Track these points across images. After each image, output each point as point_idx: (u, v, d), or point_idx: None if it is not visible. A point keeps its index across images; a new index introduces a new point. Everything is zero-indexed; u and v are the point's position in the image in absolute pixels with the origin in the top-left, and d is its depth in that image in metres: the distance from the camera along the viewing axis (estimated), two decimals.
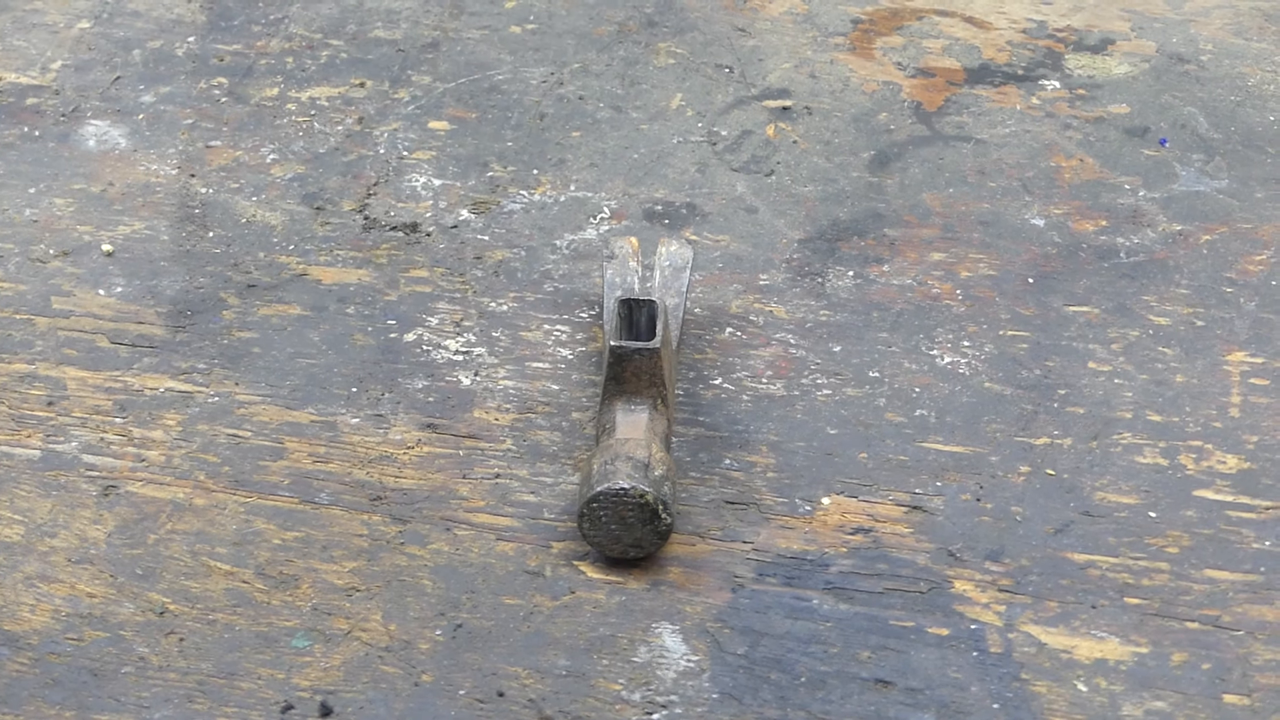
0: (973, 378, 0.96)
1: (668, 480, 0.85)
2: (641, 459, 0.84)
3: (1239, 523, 0.89)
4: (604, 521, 0.85)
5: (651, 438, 0.86)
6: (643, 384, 0.88)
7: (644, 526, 0.85)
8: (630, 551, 0.86)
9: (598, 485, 0.84)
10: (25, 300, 1.02)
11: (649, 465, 0.84)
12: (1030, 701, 0.81)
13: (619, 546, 0.86)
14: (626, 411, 0.87)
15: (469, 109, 1.14)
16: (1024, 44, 1.19)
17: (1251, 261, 1.03)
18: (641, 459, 0.84)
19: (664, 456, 0.86)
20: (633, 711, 0.81)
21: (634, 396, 0.88)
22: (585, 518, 0.85)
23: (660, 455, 0.86)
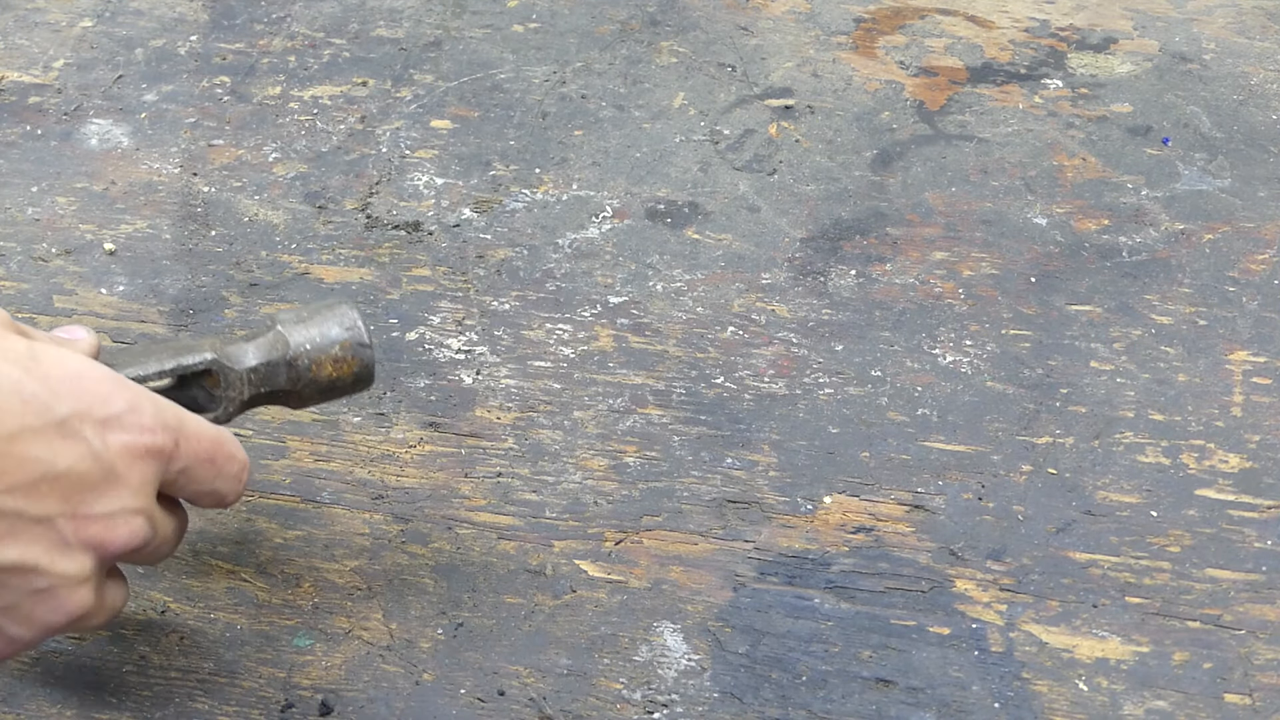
0: (975, 377, 0.96)
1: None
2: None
3: (1241, 522, 0.89)
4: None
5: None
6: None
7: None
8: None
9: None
10: (27, 299, 1.02)
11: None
12: (1031, 701, 0.81)
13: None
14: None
15: (471, 108, 1.14)
16: (1026, 43, 1.19)
17: (1254, 261, 1.03)
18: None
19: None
20: (634, 710, 0.81)
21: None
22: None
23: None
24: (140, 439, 0.70)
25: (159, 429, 0.71)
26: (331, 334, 0.80)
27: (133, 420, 0.70)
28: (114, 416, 0.69)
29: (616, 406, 0.95)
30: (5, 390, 0.67)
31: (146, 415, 0.71)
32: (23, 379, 0.67)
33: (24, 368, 0.68)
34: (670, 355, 0.98)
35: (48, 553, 0.68)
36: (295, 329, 0.80)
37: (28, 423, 0.67)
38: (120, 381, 0.71)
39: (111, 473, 0.69)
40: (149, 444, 0.70)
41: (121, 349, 0.78)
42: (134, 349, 0.79)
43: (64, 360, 0.69)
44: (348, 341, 0.80)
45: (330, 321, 0.81)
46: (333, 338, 0.80)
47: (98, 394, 0.69)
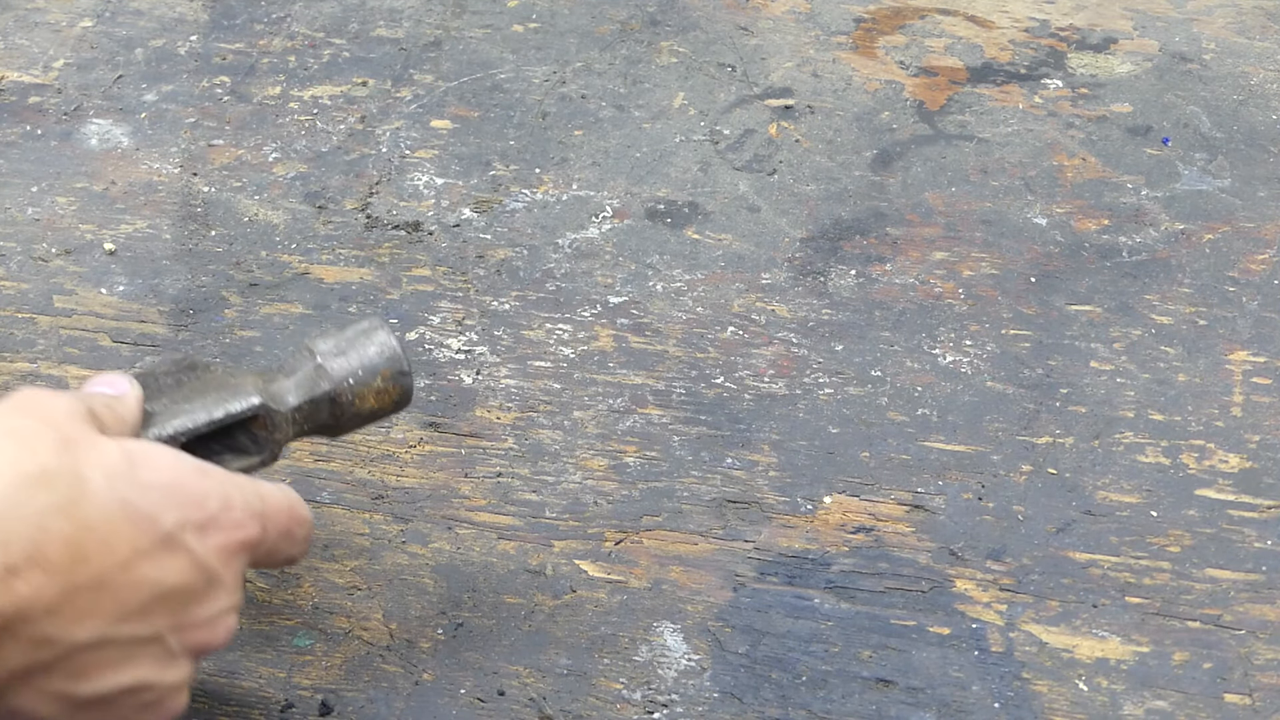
0: (975, 377, 0.96)
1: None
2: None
3: (1241, 522, 0.89)
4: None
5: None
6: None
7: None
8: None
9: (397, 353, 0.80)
10: (27, 299, 1.02)
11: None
12: (1031, 701, 0.81)
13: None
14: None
15: (471, 108, 1.14)
16: (1026, 43, 1.19)
17: (1254, 260, 1.03)
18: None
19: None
20: (634, 710, 0.81)
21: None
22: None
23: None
24: (235, 536, 0.69)
25: (249, 520, 0.69)
26: (373, 364, 0.79)
27: (227, 518, 0.68)
28: (211, 518, 0.68)
29: (616, 406, 0.95)
30: (114, 514, 0.64)
31: (238, 509, 0.69)
32: (128, 496, 0.65)
33: (127, 480, 0.65)
34: (670, 355, 0.98)
35: (157, 669, 0.67)
36: (335, 361, 0.78)
37: (139, 545, 0.65)
38: (207, 473, 0.69)
39: (213, 577, 0.68)
40: (243, 539, 0.69)
41: (160, 387, 0.75)
42: (173, 388, 0.76)
43: (158, 463, 0.67)
44: (389, 371, 0.79)
45: (369, 350, 0.79)
46: (374, 368, 0.79)
47: (194, 497, 0.67)
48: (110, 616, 0.65)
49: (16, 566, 0.61)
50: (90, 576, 0.63)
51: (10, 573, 0.61)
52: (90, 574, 0.63)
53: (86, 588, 0.63)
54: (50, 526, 0.62)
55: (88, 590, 0.63)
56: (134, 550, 0.65)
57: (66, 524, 0.63)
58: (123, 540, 0.64)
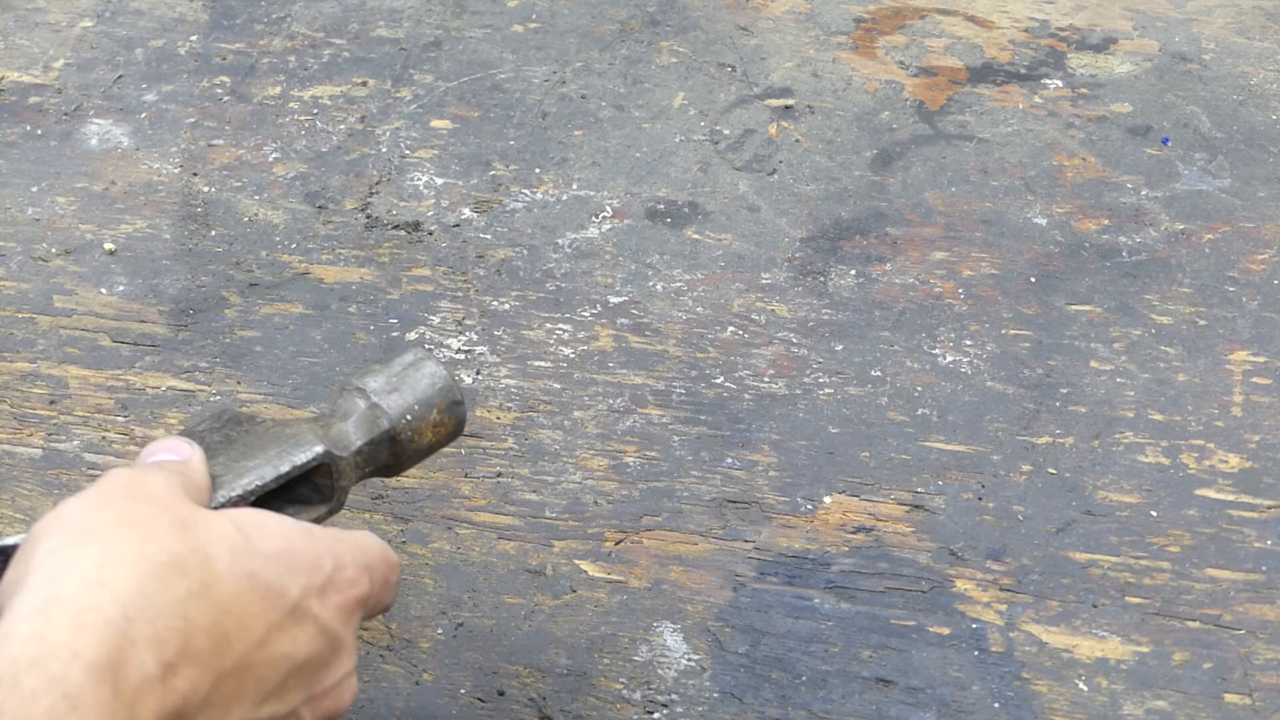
0: (975, 377, 0.96)
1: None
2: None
3: (1241, 522, 0.89)
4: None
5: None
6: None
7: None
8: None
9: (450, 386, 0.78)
10: (27, 299, 1.02)
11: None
12: (1031, 700, 0.81)
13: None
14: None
15: (471, 108, 1.14)
16: (1026, 43, 1.19)
17: (1254, 260, 1.03)
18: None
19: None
20: (634, 710, 0.81)
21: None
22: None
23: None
24: (351, 594, 0.67)
25: (360, 575, 0.68)
26: (427, 397, 0.77)
27: (342, 577, 0.67)
28: (328, 580, 0.66)
29: (616, 406, 0.95)
30: (245, 592, 0.62)
31: (349, 566, 0.67)
32: (254, 570, 0.63)
33: (248, 554, 0.63)
34: (670, 355, 0.98)
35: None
36: (390, 399, 0.76)
37: (271, 620, 0.63)
38: (313, 534, 0.67)
39: (337, 640, 0.66)
40: (358, 596, 0.67)
41: (210, 445, 0.73)
42: (224, 445, 0.73)
43: (268, 531, 0.65)
44: (443, 402, 0.77)
45: (421, 384, 0.77)
46: (429, 401, 0.77)
47: (309, 561, 0.66)
48: (254, 699, 0.63)
49: (174, 664, 0.59)
50: (234, 661, 0.62)
51: (169, 671, 0.59)
52: (234, 658, 0.61)
53: (231, 673, 0.61)
54: (193, 616, 0.60)
55: (232, 676, 0.62)
56: (268, 626, 0.63)
57: (207, 610, 0.61)
58: (257, 618, 0.63)
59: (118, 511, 0.62)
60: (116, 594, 0.59)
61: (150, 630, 0.59)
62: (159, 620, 0.59)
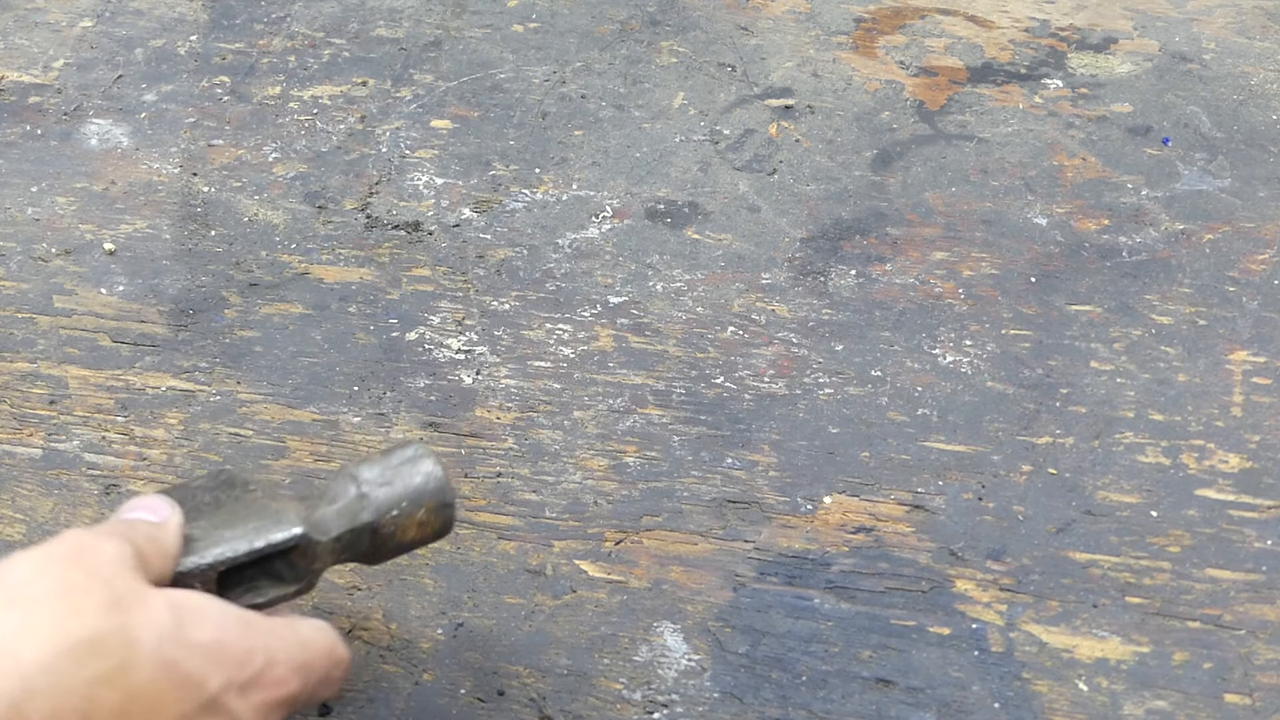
0: (975, 377, 0.96)
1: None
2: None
3: (1241, 522, 0.89)
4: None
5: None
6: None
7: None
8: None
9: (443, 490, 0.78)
10: (27, 299, 1.02)
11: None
12: (1031, 701, 0.81)
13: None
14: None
15: (471, 108, 1.14)
16: (1027, 43, 1.19)
17: (1254, 260, 1.03)
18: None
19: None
20: (634, 711, 0.81)
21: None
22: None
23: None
24: (276, 694, 0.67)
25: (291, 676, 0.68)
26: (418, 495, 0.76)
27: (271, 676, 0.67)
28: (255, 677, 0.66)
29: (616, 406, 0.95)
30: (161, 680, 0.62)
31: (281, 665, 0.67)
32: (176, 659, 0.63)
33: (174, 641, 0.63)
34: (670, 355, 0.98)
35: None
36: (380, 490, 0.76)
37: (183, 710, 0.63)
38: (251, 628, 0.67)
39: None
40: (284, 696, 0.68)
41: (198, 505, 0.74)
42: (211, 508, 0.74)
43: (205, 619, 0.65)
44: (433, 503, 0.77)
45: (414, 479, 0.76)
46: (419, 499, 0.76)
47: (239, 656, 0.66)
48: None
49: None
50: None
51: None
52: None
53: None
54: (99, 697, 0.60)
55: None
56: (178, 716, 0.63)
57: (115, 694, 0.61)
58: (168, 706, 0.63)
59: (55, 579, 0.63)
60: (20, 665, 0.59)
61: (47, 706, 0.59)
62: (60, 698, 0.59)
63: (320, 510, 0.75)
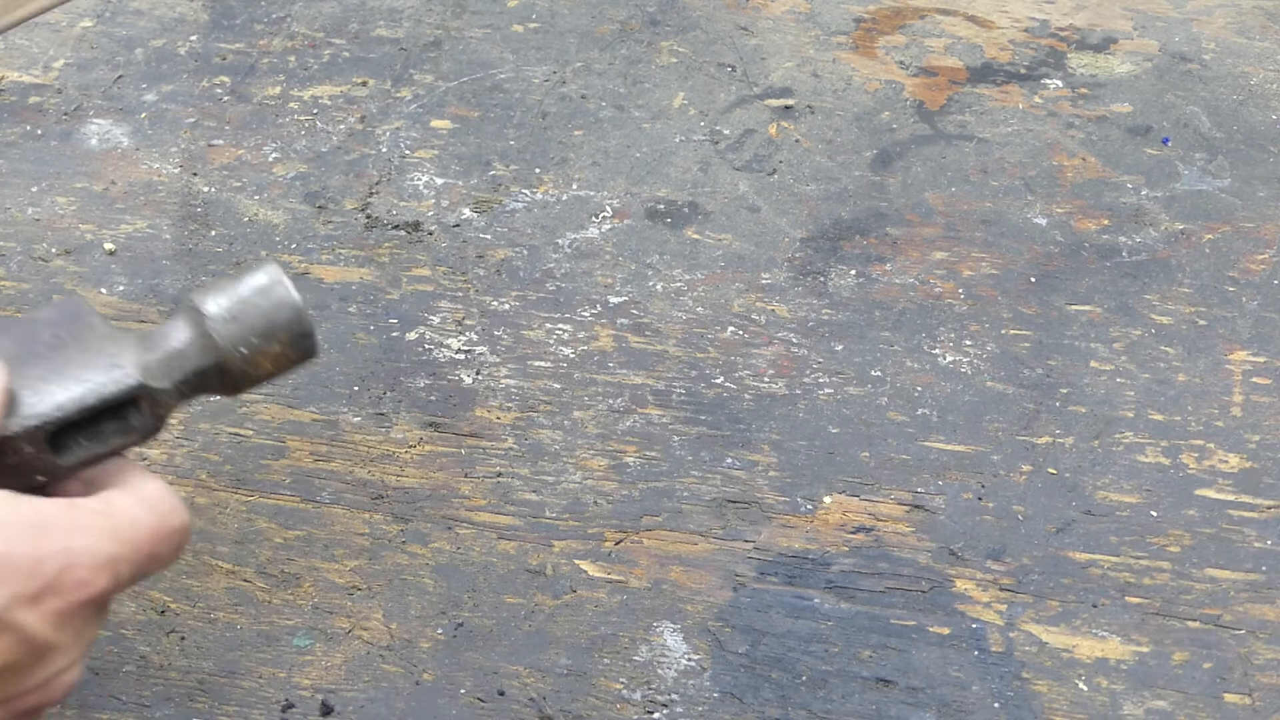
0: (975, 377, 0.96)
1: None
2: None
3: (1240, 522, 0.89)
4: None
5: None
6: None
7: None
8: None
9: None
10: (28, 299, 1.02)
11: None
12: (1031, 700, 0.81)
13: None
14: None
15: (471, 108, 1.14)
16: (1026, 43, 1.19)
17: (1254, 260, 1.03)
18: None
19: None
20: (634, 710, 0.81)
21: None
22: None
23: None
24: (76, 596, 0.61)
25: (95, 574, 0.61)
26: (269, 328, 0.68)
27: (68, 579, 0.60)
28: (46, 585, 0.60)
29: (616, 406, 0.95)
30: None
31: (82, 565, 0.61)
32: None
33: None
34: (670, 355, 0.98)
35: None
36: (227, 327, 0.68)
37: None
38: (44, 530, 0.60)
39: (46, 647, 0.61)
40: (86, 597, 0.61)
41: (36, 345, 0.67)
42: (49, 351, 0.67)
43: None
44: (287, 335, 0.69)
45: (265, 309, 0.68)
46: (271, 332, 0.69)
47: (25, 566, 0.59)
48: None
49: None
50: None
51: None
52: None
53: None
54: None
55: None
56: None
57: None
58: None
59: None
60: None
61: None
62: None
63: (161, 352, 0.68)
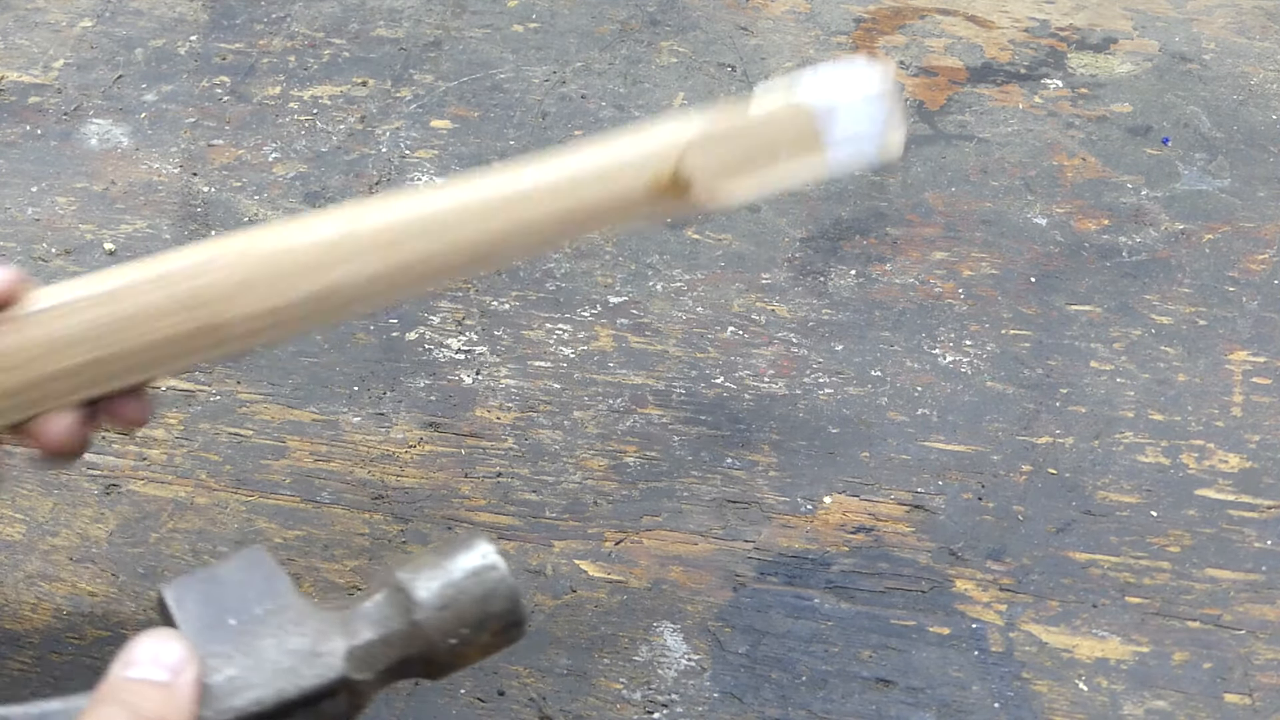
0: (975, 377, 0.96)
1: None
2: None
3: (1241, 522, 0.89)
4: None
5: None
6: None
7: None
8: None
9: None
10: None
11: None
12: (1031, 700, 0.81)
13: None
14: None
15: (471, 108, 1.14)
16: (1026, 43, 1.19)
17: (1254, 260, 1.03)
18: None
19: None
20: (634, 710, 0.81)
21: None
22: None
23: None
24: None
25: None
26: (482, 619, 0.64)
27: None
28: None
29: (616, 406, 0.95)
30: None
31: None
32: None
33: None
34: (670, 355, 0.98)
35: None
36: (437, 615, 0.64)
37: None
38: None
39: None
40: None
41: (215, 622, 0.62)
42: (243, 629, 0.63)
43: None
44: (499, 626, 0.65)
45: (480, 598, 0.64)
46: (484, 623, 0.64)
47: None
48: None
49: None
50: None
51: None
52: None
53: None
54: None
55: None
56: None
57: None
58: None
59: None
60: None
61: None
62: None
63: (364, 639, 0.64)
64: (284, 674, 0.61)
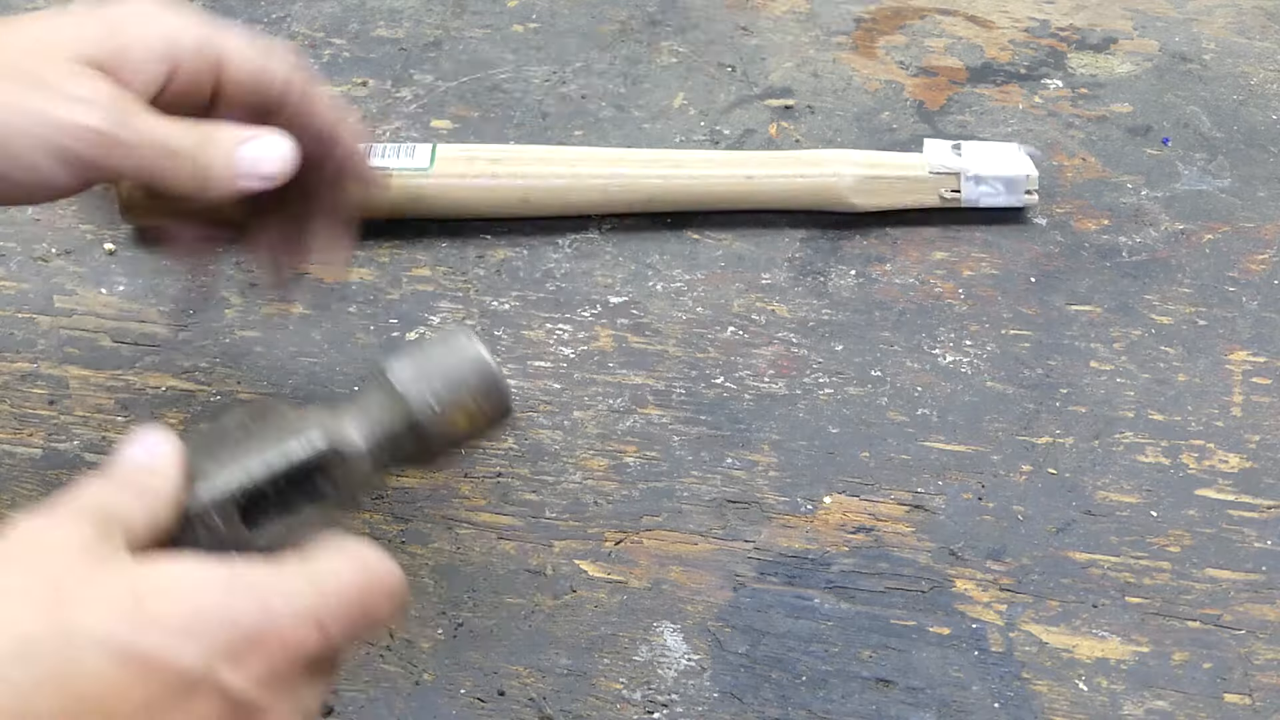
0: (975, 377, 0.96)
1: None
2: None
3: (1241, 522, 0.89)
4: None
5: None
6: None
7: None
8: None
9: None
10: (27, 299, 1.02)
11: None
12: (1031, 700, 0.81)
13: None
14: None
15: (471, 108, 1.14)
16: (1026, 43, 1.19)
17: (1254, 260, 1.03)
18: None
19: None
20: (633, 710, 0.81)
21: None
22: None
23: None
24: (283, 654, 0.58)
25: (301, 627, 0.59)
26: (458, 383, 0.68)
27: (271, 635, 0.58)
28: (247, 641, 0.57)
29: (616, 406, 0.95)
30: (113, 673, 0.55)
31: (284, 618, 0.58)
32: (132, 644, 0.55)
33: (131, 624, 0.56)
34: (670, 355, 0.98)
35: None
36: (414, 387, 0.68)
37: (151, 699, 0.55)
38: (235, 586, 0.58)
39: (254, 707, 0.57)
40: (295, 654, 0.58)
41: (224, 436, 0.66)
42: (238, 439, 0.66)
43: (174, 591, 0.57)
44: (479, 389, 0.69)
45: (452, 366, 0.69)
46: (460, 388, 0.68)
47: (221, 622, 0.57)
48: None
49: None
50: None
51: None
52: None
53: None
54: (36, 704, 0.54)
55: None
56: (144, 708, 0.55)
57: (56, 698, 0.54)
58: (127, 701, 0.55)
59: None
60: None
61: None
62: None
63: (348, 417, 0.68)
64: (269, 452, 0.66)
